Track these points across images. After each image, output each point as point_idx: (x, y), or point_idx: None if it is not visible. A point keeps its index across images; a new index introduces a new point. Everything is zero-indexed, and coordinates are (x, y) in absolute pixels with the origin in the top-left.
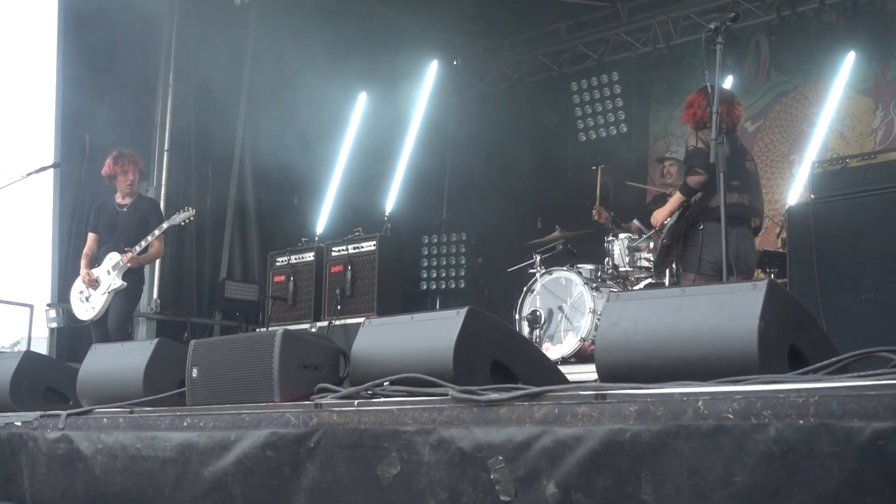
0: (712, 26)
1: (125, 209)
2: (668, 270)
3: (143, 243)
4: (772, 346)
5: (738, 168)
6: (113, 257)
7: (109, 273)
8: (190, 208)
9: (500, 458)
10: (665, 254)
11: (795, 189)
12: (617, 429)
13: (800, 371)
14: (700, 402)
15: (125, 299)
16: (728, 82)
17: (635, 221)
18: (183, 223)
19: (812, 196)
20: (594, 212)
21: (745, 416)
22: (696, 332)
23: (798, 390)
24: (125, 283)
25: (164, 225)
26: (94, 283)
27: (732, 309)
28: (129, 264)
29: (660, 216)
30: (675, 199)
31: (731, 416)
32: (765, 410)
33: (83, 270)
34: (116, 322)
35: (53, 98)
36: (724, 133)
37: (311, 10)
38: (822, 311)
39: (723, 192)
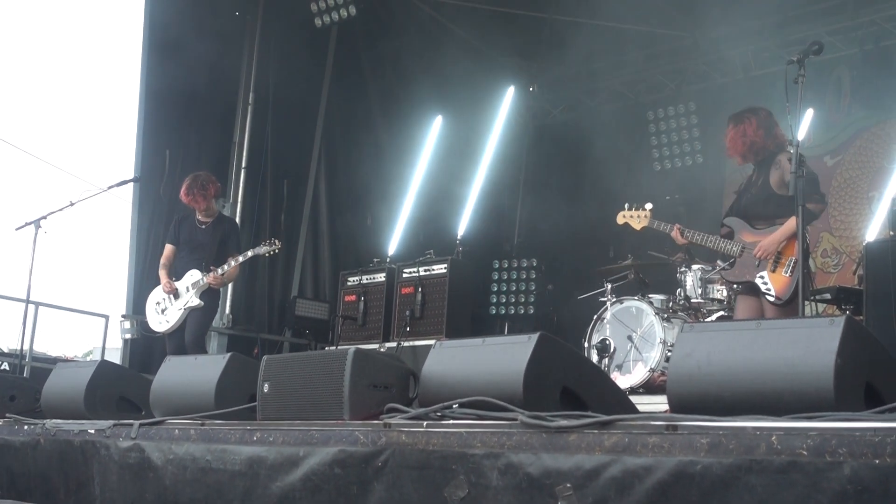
0: (795, 57)
1: (205, 227)
2: None
3: (226, 266)
4: (848, 383)
5: None
6: (193, 275)
7: (188, 290)
8: (277, 242)
9: (568, 485)
10: None
11: (874, 226)
12: (688, 461)
13: (876, 409)
14: (773, 437)
15: (203, 315)
16: (808, 115)
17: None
18: (267, 255)
19: (891, 233)
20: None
21: (820, 454)
22: (771, 366)
23: (875, 429)
24: (202, 303)
25: (249, 253)
26: (174, 292)
27: (809, 344)
28: (211, 284)
29: None
30: None
31: (805, 453)
32: (840, 448)
33: (163, 280)
34: (193, 336)
35: (136, 113)
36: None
37: (390, 34)
38: None
39: (801, 224)
